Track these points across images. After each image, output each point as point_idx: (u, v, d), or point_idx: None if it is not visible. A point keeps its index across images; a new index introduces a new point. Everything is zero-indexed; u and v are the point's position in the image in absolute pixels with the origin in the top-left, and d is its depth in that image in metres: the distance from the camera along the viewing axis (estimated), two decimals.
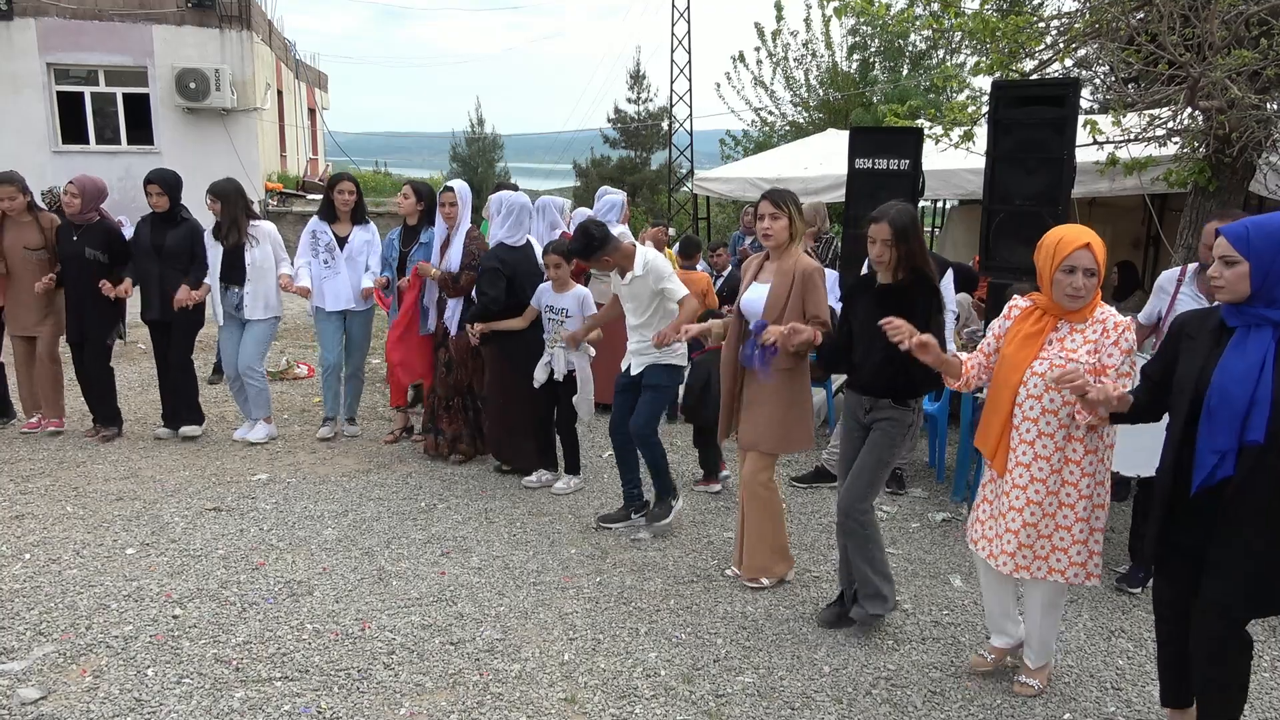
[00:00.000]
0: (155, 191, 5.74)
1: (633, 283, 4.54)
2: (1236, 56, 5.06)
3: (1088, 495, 3.00)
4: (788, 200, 3.82)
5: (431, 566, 4.18)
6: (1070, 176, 5.42)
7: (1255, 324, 2.51)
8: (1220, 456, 2.50)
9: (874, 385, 3.51)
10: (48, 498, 4.94)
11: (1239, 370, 2.50)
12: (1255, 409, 2.45)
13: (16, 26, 14.48)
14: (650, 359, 4.59)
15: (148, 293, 5.83)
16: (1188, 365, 2.63)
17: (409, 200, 5.85)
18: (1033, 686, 3.26)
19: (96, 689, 3.12)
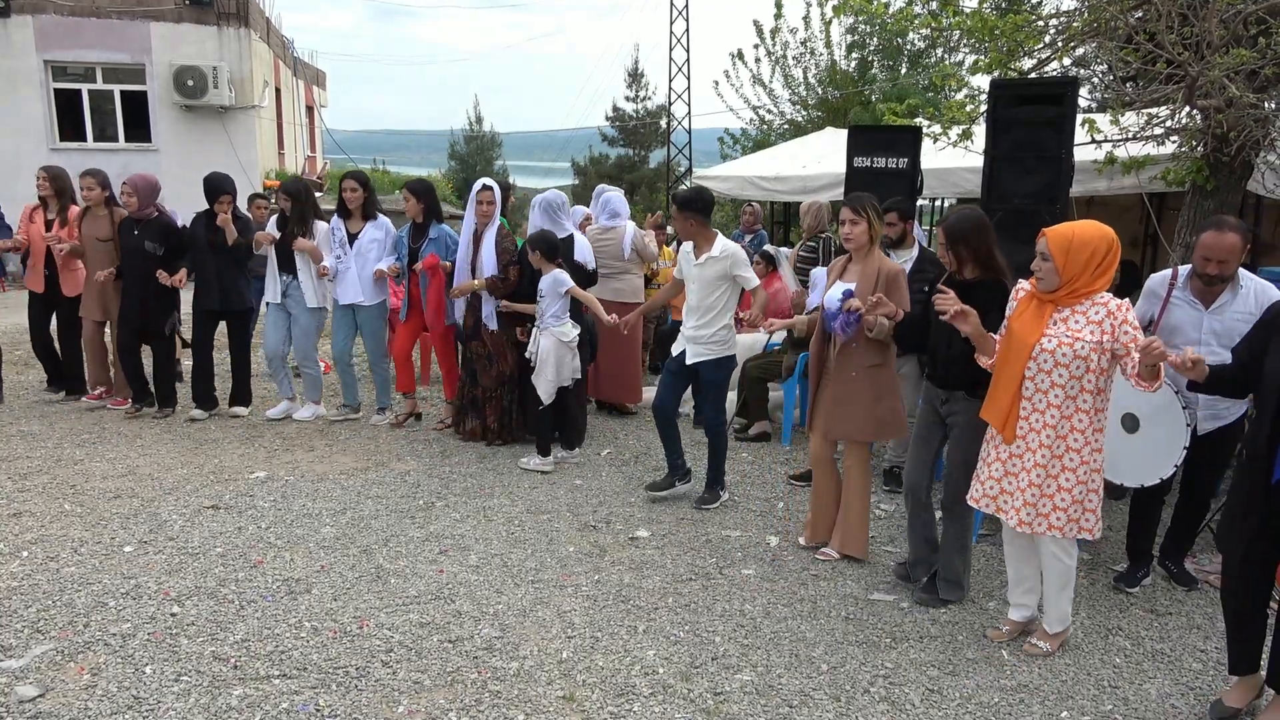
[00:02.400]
0: (228, 201, 6.19)
1: (706, 263, 4.72)
2: (1234, 55, 5.06)
3: (1088, 461, 3.26)
4: (866, 205, 4.14)
5: (430, 564, 4.19)
6: (1068, 175, 5.42)
7: None
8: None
9: (949, 378, 3.75)
10: (46, 495, 4.94)
11: None
12: None
13: (14, 24, 14.45)
14: (703, 351, 4.78)
15: (205, 286, 6.26)
16: (1274, 358, 2.76)
17: (412, 202, 6.16)
18: (1041, 648, 3.48)
19: (94, 687, 3.12)
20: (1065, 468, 3.27)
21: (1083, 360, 3.19)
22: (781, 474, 5.66)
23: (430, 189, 6.28)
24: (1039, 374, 3.25)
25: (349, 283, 6.19)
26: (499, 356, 5.87)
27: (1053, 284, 3.24)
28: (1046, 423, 3.26)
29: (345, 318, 6.34)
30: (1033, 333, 3.25)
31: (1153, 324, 4.12)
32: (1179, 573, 4.18)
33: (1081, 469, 3.26)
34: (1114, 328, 3.16)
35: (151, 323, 6.29)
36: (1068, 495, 3.27)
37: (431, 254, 5.98)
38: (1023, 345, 3.26)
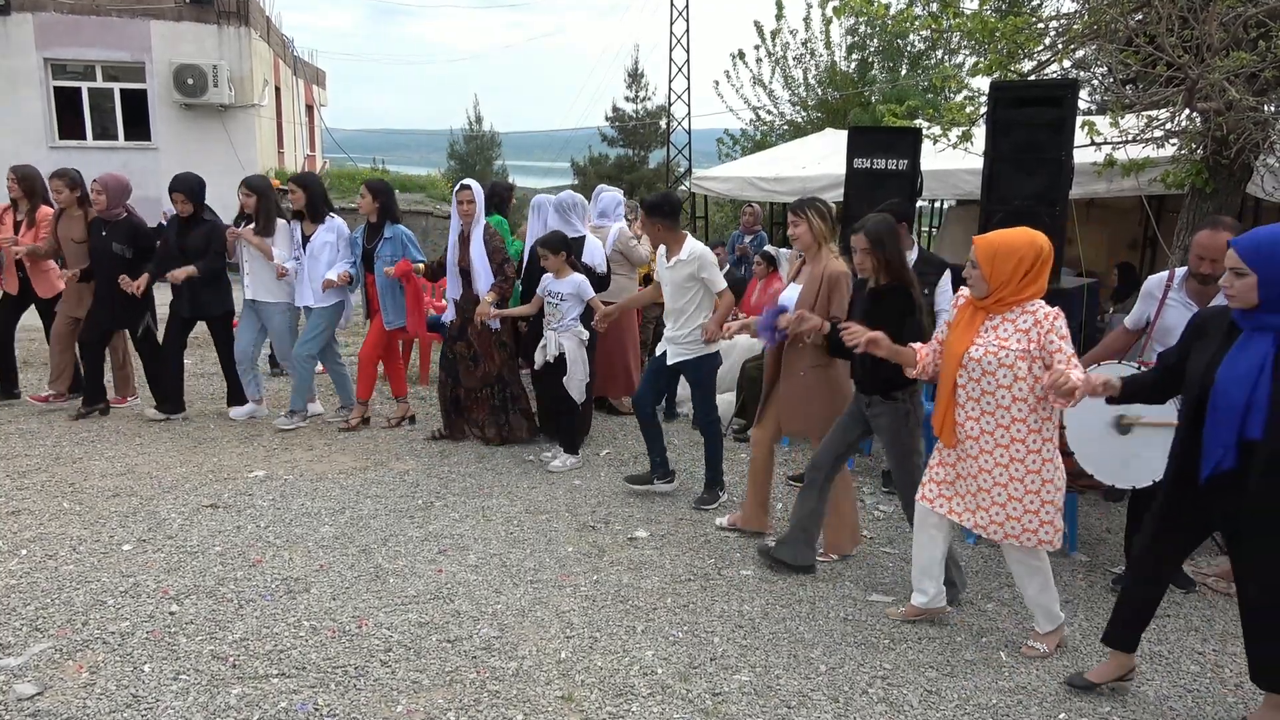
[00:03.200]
0: (180, 200, 6.06)
1: (676, 266, 4.83)
2: (1234, 58, 5.07)
3: (1035, 470, 3.27)
4: (805, 207, 4.24)
5: (429, 564, 4.19)
6: (1068, 177, 5.43)
7: (1259, 328, 2.72)
8: (1225, 450, 2.73)
9: (865, 382, 3.92)
10: (44, 493, 4.94)
11: (1240, 371, 2.71)
12: (1253, 409, 2.67)
13: (14, 21, 14.46)
14: (683, 351, 4.89)
15: (177, 290, 6.17)
16: (1197, 360, 2.86)
17: (367, 199, 6.06)
18: (1038, 649, 3.50)
19: (93, 685, 3.12)
20: (1013, 477, 3.30)
21: (1008, 369, 3.22)
22: (780, 474, 5.67)
23: (388, 189, 6.19)
24: (969, 382, 3.31)
25: (302, 284, 6.14)
26: (485, 357, 5.86)
27: (982, 291, 3.28)
28: (984, 429, 3.32)
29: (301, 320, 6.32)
30: (962, 341, 3.32)
31: (1149, 325, 4.13)
32: (1177, 575, 4.18)
33: (1030, 478, 3.27)
34: (1040, 336, 3.18)
35: (119, 325, 6.23)
36: (1019, 505, 3.30)
37: (404, 259, 5.93)
38: (953, 354, 3.34)
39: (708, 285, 4.81)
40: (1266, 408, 2.65)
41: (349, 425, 6.28)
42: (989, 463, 3.33)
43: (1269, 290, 2.67)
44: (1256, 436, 2.67)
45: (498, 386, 5.92)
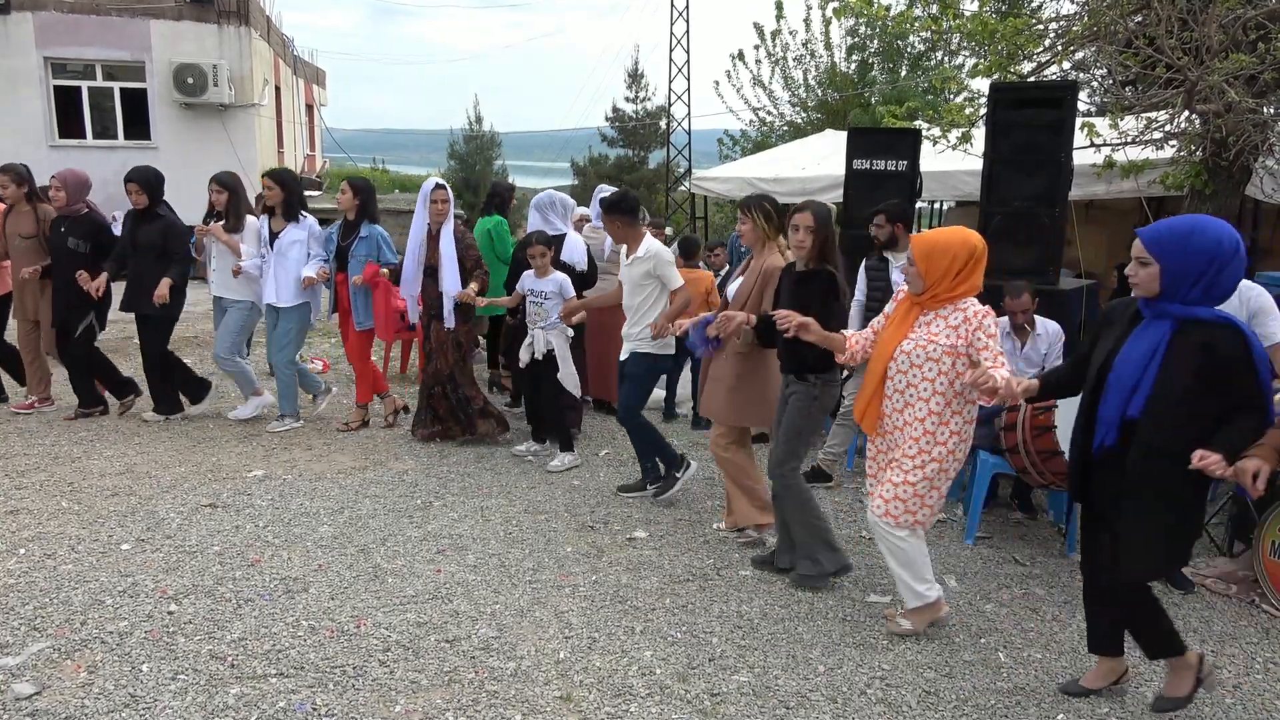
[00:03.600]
0: (134, 190, 5.95)
1: (633, 263, 4.91)
2: (1234, 60, 5.08)
3: (926, 450, 3.39)
4: (752, 206, 4.33)
5: (427, 564, 4.19)
6: (1067, 179, 5.44)
7: (1159, 316, 2.85)
8: (1109, 427, 2.89)
9: (785, 363, 4.04)
10: (43, 493, 4.94)
11: (1135, 354, 2.85)
12: (1139, 390, 2.81)
13: (14, 20, 14.44)
14: (633, 346, 4.97)
15: (127, 287, 6.05)
16: (1102, 347, 3.01)
17: (347, 195, 5.99)
18: (902, 625, 3.64)
19: (91, 685, 3.12)
20: (906, 454, 3.43)
21: (934, 362, 3.34)
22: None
23: (370, 188, 6.14)
24: (897, 374, 3.42)
25: (268, 283, 6.03)
26: (439, 354, 5.85)
27: (918, 287, 3.38)
28: (905, 420, 3.43)
29: (269, 319, 6.17)
30: (896, 334, 3.44)
31: None
32: (1176, 576, 4.19)
33: (920, 456, 3.40)
34: (969, 333, 3.29)
35: (68, 323, 6.07)
36: (910, 489, 3.42)
37: (370, 264, 5.88)
38: (885, 346, 3.47)
39: (664, 283, 4.87)
40: (1150, 389, 2.78)
41: (348, 426, 6.27)
42: (910, 450, 3.42)
43: (1169, 280, 2.78)
44: (1135, 416, 2.81)
45: (449, 386, 5.90)
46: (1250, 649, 3.67)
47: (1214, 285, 2.77)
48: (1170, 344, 2.79)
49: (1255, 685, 3.41)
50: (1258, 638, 3.77)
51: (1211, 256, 2.74)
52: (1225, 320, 2.78)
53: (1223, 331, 2.75)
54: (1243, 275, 2.92)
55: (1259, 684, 3.42)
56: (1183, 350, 2.77)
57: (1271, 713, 3.24)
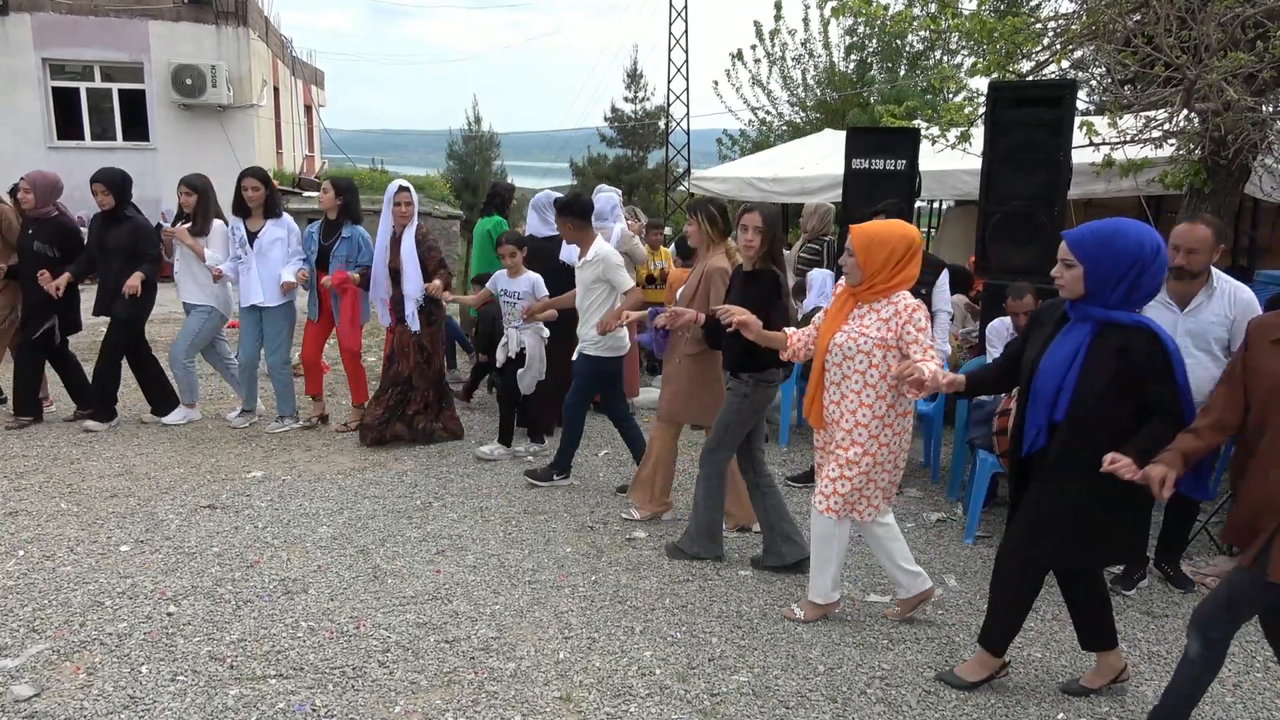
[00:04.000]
0: (100, 190, 5.89)
1: (584, 266, 5.02)
2: (1233, 59, 5.07)
3: (861, 442, 3.45)
4: (698, 210, 4.48)
5: (427, 565, 4.18)
6: (1066, 178, 5.44)
7: (1081, 318, 2.90)
8: (1038, 430, 2.94)
9: (728, 360, 4.13)
10: (42, 494, 4.93)
11: (1058, 358, 2.90)
12: (1062, 393, 2.86)
13: (12, 21, 14.43)
14: (582, 348, 5.06)
15: (98, 290, 5.99)
16: (1031, 348, 3.05)
17: (328, 195, 5.97)
18: (796, 614, 3.73)
19: (90, 686, 3.11)
20: (841, 446, 3.48)
21: (865, 355, 3.40)
22: (779, 475, 5.66)
23: (353, 188, 6.12)
24: (832, 366, 3.49)
25: (251, 284, 5.96)
26: (401, 358, 5.83)
27: (856, 279, 3.43)
28: (842, 413, 3.48)
29: (249, 321, 6.09)
30: (831, 327, 3.50)
31: None
32: (1176, 575, 4.19)
33: (854, 449, 3.44)
34: (899, 326, 3.35)
35: (30, 323, 5.98)
36: (847, 482, 3.47)
37: (339, 270, 5.87)
38: (822, 339, 3.53)
39: (614, 285, 4.95)
40: (1072, 392, 2.83)
41: (346, 427, 6.27)
42: (851, 439, 3.47)
43: (1093, 282, 2.82)
44: (1060, 419, 2.87)
45: (402, 388, 5.86)
46: (1250, 647, 3.67)
47: (1136, 287, 2.82)
48: (1090, 347, 2.85)
49: (1255, 684, 3.40)
50: (1258, 636, 3.76)
51: (1134, 259, 2.79)
52: (1142, 324, 2.83)
53: (1139, 335, 2.81)
54: (1163, 277, 2.94)
55: (1259, 682, 3.42)
56: (1101, 353, 2.83)
57: (1271, 711, 3.24)
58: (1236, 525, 2.73)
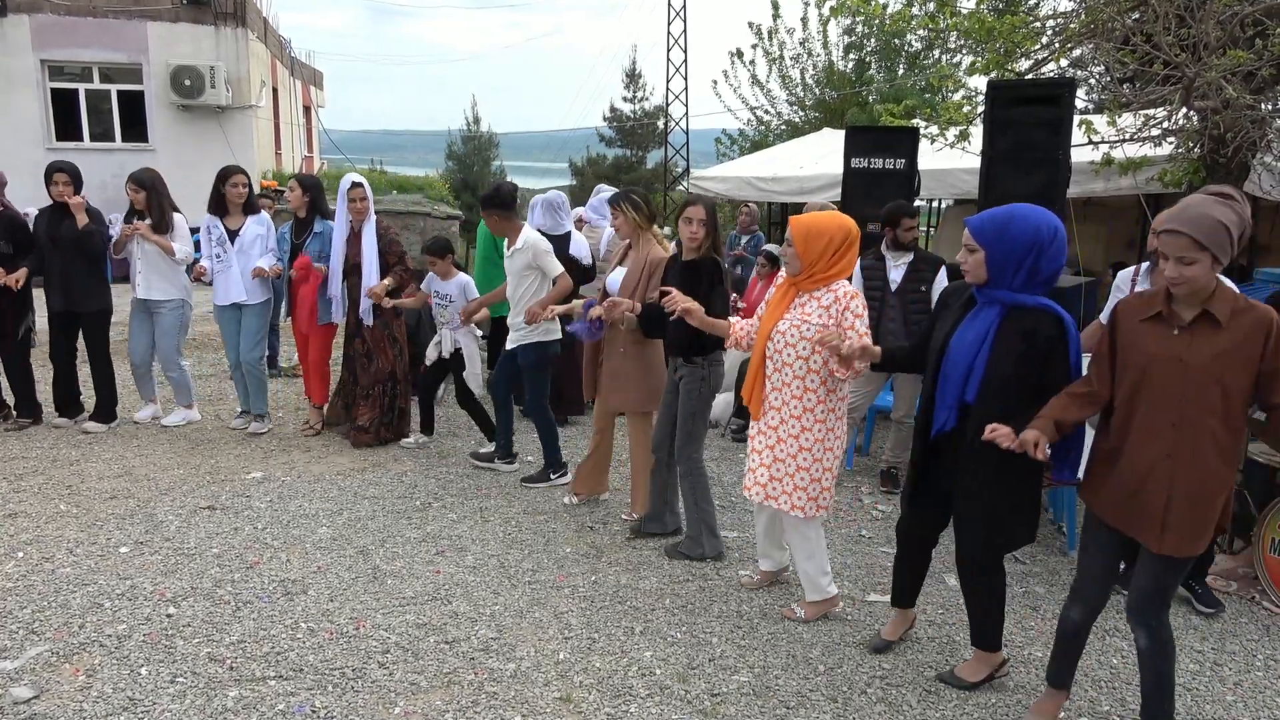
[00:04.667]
0: (63, 181, 5.77)
1: (513, 255, 5.09)
2: (1231, 57, 5.06)
3: (820, 439, 3.51)
4: (620, 200, 4.54)
5: (426, 565, 4.18)
6: (1065, 176, 5.42)
7: (988, 303, 2.98)
8: (948, 412, 3.00)
9: (673, 346, 4.21)
10: (41, 496, 4.93)
11: (967, 341, 2.98)
12: (973, 375, 2.94)
13: (10, 23, 14.42)
14: (520, 337, 5.11)
15: (49, 284, 5.88)
16: (939, 330, 3.13)
17: (296, 193, 5.95)
18: (796, 612, 3.76)
19: (90, 688, 3.11)
20: (802, 447, 3.51)
21: (808, 341, 3.45)
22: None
23: (318, 184, 6.06)
24: (774, 354, 3.54)
25: (232, 281, 5.93)
26: (379, 353, 5.86)
27: (795, 268, 3.51)
28: (785, 400, 3.53)
29: (232, 320, 6.07)
30: (773, 316, 3.57)
31: None
32: (1203, 594, 3.96)
33: (816, 447, 3.51)
34: (839, 313, 3.43)
35: (5, 325, 5.86)
36: (806, 475, 3.52)
37: (303, 255, 5.85)
38: (764, 328, 3.59)
39: (544, 272, 5.03)
40: (982, 374, 2.91)
41: (310, 428, 6.18)
42: (785, 433, 3.53)
43: (994, 267, 2.91)
44: (971, 400, 2.95)
45: (389, 384, 5.91)
46: (1251, 646, 3.67)
47: (1036, 270, 2.90)
48: (999, 330, 2.93)
49: (1256, 682, 3.40)
50: (1258, 634, 3.77)
51: (1031, 242, 2.87)
52: (1045, 307, 2.91)
53: (1043, 317, 2.90)
54: (1063, 261, 2.97)
55: (1260, 681, 3.42)
56: (1009, 336, 2.91)
57: (1272, 710, 3.24)
58: (1113, 501, 2.78)
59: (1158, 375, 2.62)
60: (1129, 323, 2.73)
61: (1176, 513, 2.62)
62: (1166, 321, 2.63)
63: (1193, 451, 2.59)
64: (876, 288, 5.32)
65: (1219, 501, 2.65)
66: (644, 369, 4.52)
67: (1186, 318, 2.60)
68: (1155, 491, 2.65)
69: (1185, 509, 2.62)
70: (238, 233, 5.95)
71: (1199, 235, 2.49)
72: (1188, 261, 2.51)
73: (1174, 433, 2.60)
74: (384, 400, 5.91)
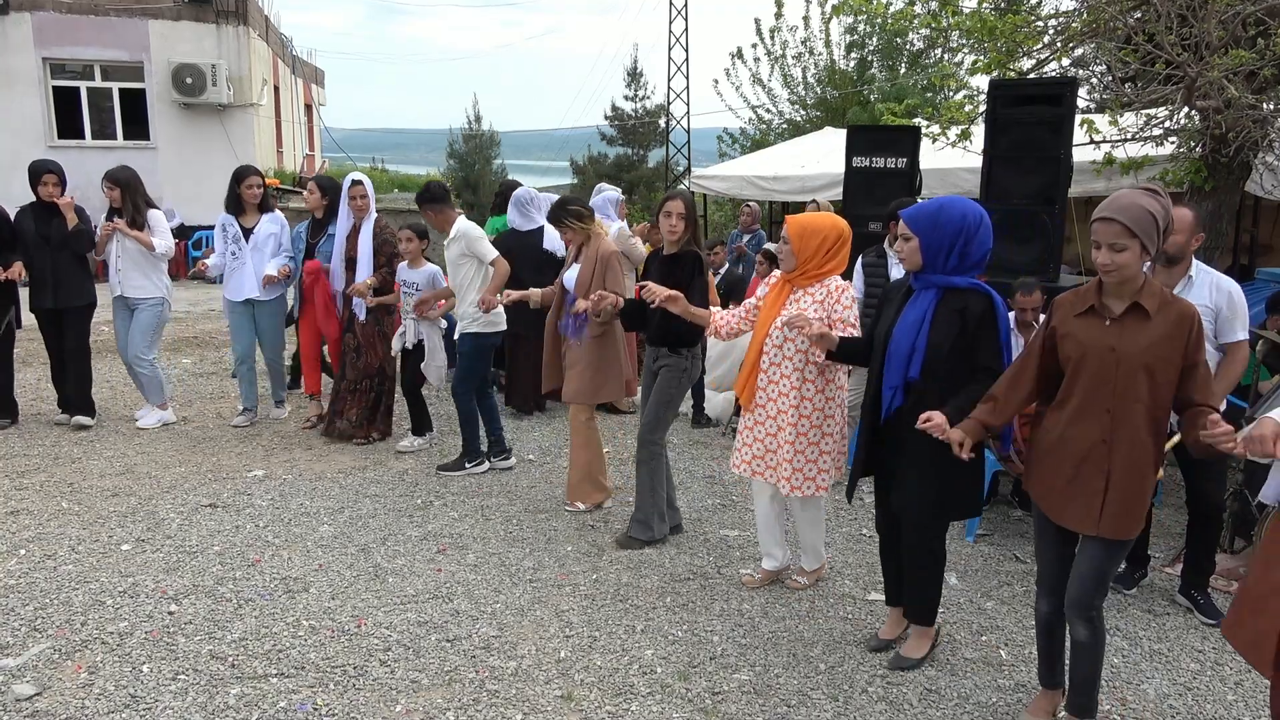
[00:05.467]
0: (52, 181, 5.89)
1: (449, 245, 5.26)
2: (1233, 56, 5.06)
3: (818, 425, 3.70)
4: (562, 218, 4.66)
5: (428, 563, 4.18)
6: (1067, 176, 5.43)
7: (925, 287, 3.21)
8: (894, 391, 3.20)
9: (656, 337, 4.32)
10: (43, 493, 4.93)
11: (908, 323, 3.19)
12: (915, 353, 3.15)
13: (12, 21, 14.42)
14: (463, 326, 5.24)
15: (39, 282, 5.93)
16: (883, 321, 3.35)
17: (314, 195, 6.06)
18: (800, 582, 4.03)
19: (91, 685, 3.12)
20: (800, 433, 3.69)
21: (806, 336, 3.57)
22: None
23: (337, 187, 6.09)
24: (773, 347, 3.71)
25: (245, 279, 6.05)
26: (368, 349, 5.87)
27: (791, 265, 3.68)
28: (781, 391, 3.70)
29: (244, 315, 6.18)
30: (771, 312, 3.74)
31: None
32: (1205, 604, 3.85)
33: (813, 432, 3.69)
34: (831, 305, 3.62)
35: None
36: (802, 457, 3.71)
37: (313, 260, 5.96)
38: (763, 323, 3.76)
39: (479, 258, 5.19)
40: (924, 352, 3.13)
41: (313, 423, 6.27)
42: (784, 421, 3.69)
43: (928, 254, 3.15)
44: (915, 377, 3.15)
45: (376, 379, 5.93)
46: None
47: (966, 254, 3.14)
48: (935, 310, 3.16)
49: (1257, 681, 3.40)
50: None
51: (959, 228, 3.12)
52: (975, 286, 3.16)
53: (974, 296, 3.14)
54: (990, 245, 3.20)
55: (1260, 680, 3.42)
56: (945, 315, 3.15)
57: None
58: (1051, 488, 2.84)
59: (1092, 364, 2.73)
60: (1064, 316, 2.83)
61: (1115, 493, 2.71)
62: (1099, 314, 2.75)
63: (1128, 433, 2.69)
64: (878, 284, 5.32)
65: (1151, 481, 2.74)
66: (597, 362, 4.63)
67: (1117, 310, 2.71)
68: (1093, 475, 2.73)
69: (1122, 489, 2.71)
70: (252, 231, 6.06)
71: (1129, 222, 2.60)
72: (1119, 249, 2.62)
73: (1109, 418, 2.70)
74: (369, 396, 5.93)
